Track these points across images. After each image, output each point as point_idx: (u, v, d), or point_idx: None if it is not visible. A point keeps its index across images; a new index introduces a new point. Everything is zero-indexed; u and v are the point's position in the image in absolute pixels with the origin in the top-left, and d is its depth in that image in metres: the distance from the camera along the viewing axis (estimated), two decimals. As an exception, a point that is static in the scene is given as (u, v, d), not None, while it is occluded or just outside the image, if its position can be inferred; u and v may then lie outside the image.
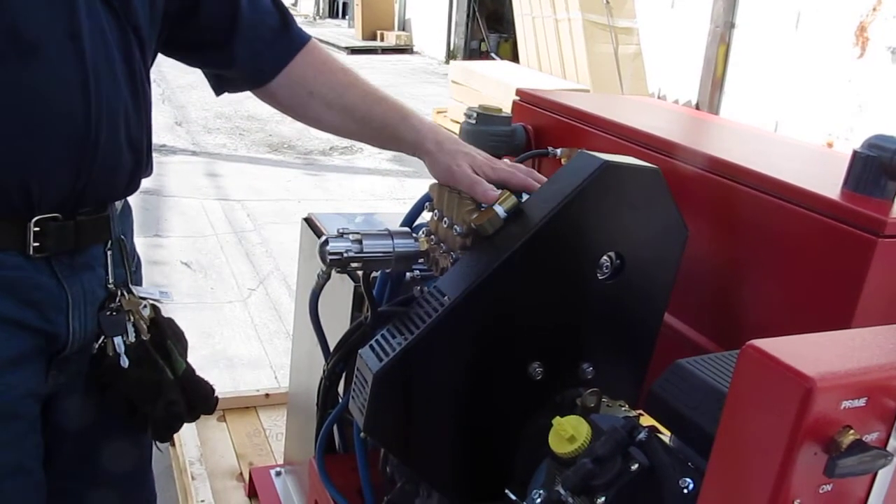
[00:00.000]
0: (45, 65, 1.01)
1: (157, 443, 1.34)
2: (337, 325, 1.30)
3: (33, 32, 0.99)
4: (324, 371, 1.23)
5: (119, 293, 1.21)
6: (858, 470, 0.59)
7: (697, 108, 7.64)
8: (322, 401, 1.26)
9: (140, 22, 1.13)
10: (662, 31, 8.39)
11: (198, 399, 1.30)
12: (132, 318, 1.22)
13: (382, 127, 1.31)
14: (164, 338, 1.27)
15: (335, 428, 1.30)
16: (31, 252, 1.08)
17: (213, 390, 1.34)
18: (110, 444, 1.29)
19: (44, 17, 1.00)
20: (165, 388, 1.24)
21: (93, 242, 1.17)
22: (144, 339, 1.22)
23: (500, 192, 1.06)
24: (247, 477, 2.05)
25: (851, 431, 0.58)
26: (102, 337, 1.19)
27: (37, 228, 1.08)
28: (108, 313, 1.19)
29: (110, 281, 1.20)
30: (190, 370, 1.30)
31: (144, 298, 1.25)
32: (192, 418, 1.31)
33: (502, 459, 1.01)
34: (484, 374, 0.97)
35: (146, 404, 1.24)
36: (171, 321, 1.30)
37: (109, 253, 1.20)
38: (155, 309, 1.26)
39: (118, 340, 1.19)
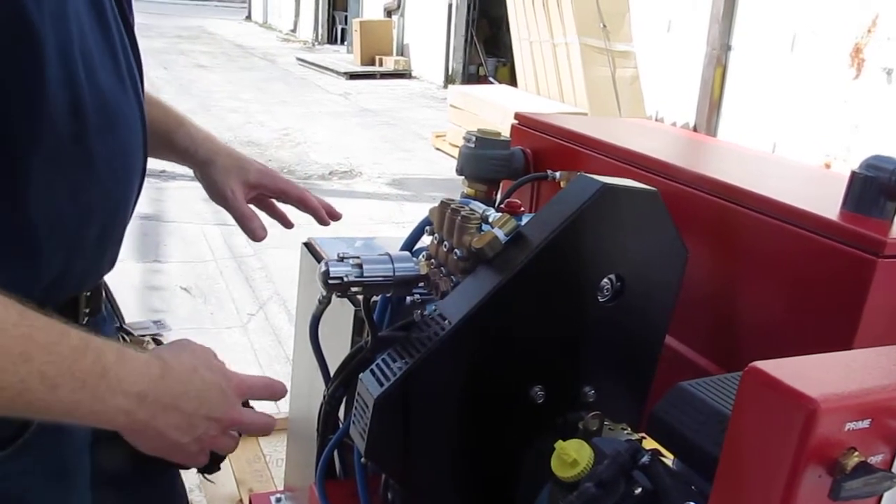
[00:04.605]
0: (126, 129, 0.95)
1: (206, 475, 1.26)
2: (337, 349, 1.29)
3: (114, 99, 0.93)
4: (324, 396, 1.22)
5: (120, 337, 1.17)
6: (864, 493, 0.58)
7: (695, 130, 7.68)
8: (322, 426, 1.25)
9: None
10: (659, 54, 8.46)
11: None
12: None
13: (155, 132, 1.22)
14: None
15: (336, 453, 1.29)
16: (83, 320, 0.99)
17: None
18: (151, 492, 1.24)
19: (115, 81, 0.93)
20: None
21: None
22: None
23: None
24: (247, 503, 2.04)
25: (856, 453, 0.58)
26: None
27: (87, 293, 1.01)
28: None
29: (115, 324, 1.17)
30: None
31: (143, 335, 1.21)
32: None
33: (504, 484, 1.00)
34: (485, 397, 0.96)
35: None
36: None
37: (107, 296, 1.14)
38: (157, 341, 1.22)
39: None
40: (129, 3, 1.02)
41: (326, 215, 1.37)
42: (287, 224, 1.39)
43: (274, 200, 1.38)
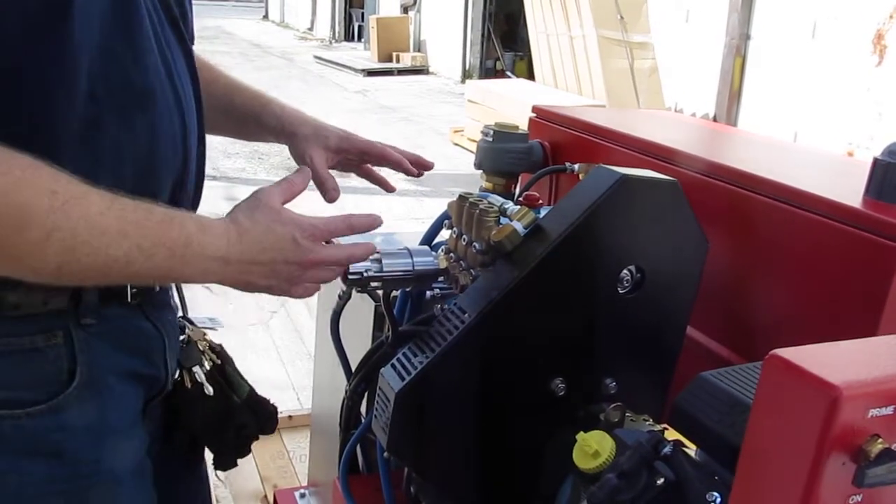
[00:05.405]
0: (158, 109, 0.96)
1: (218, 472, 1.29)
2: (358, 345, 1.30)
3: (143, 77, 0.94)
4: (346, 391, 1.23)
5: (185, 325, 1.21)
6: (888, 479, 0.58)
7: (715, 120, 7.62)
8: (345, 421, 1.26)
9: (192, 37, 1.08)
10: (677, 45, 8.40)
11: (264, 419, 1.30)
12: (201, 346, 1.22)
13: (245, 117, 1.32)
14: (225, 363, 1.26)
15: (358, 448, 1.30)
16: (130, 299, 1.02)
17: (275, 409, 1.33)
18: (184, 490, 1.27)
19: (150, 61, 0.94)
20: (235, 412, 1.23)
21: None
22: (209, 366, 1.22)
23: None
24: (271, 499, 2.05)
25: (880, 440, 0.57)
26: (177, 373, 1.16)
27: None
28: (182, 346, 1.17)
29: (179, 314, 1.19)
30: (253, 391, 1.29)
31: (201, 327, 1.25)
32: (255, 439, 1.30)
33: (526, 476, 1.00)
34: (506, 390, 0.97)
35: (214, 433, 1.22)
36: (221, 347, 1.30)
37: (174, 286, 1.19)
38: (212, 348, 1.26)
39: (197, 369, 1.19)
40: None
41: (412, 165, 1.37)
42: (388, 188, 1.41)
43: (370, 165, 1.40)
